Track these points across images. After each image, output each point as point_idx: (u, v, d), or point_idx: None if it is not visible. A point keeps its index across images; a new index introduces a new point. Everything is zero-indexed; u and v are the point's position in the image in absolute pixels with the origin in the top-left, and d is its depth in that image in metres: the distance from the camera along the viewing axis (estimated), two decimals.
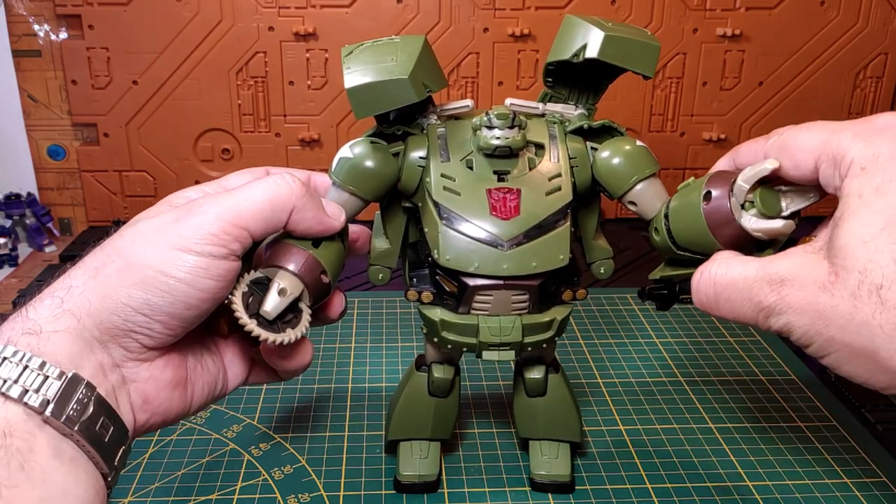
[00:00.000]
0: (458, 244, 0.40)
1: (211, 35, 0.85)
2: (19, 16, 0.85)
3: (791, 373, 0.61)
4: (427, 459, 0.48)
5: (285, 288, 0.38)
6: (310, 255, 0.39)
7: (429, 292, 0.43)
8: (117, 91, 0.86)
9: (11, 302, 0.72)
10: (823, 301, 0.32)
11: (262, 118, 0.88)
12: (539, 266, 0.41)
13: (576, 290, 0.44)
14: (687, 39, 0.87)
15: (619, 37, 0.42)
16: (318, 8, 0.84)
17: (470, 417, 0.56)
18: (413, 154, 0.43)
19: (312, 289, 0.39)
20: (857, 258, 0.31)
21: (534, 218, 0.41)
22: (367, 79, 0.39)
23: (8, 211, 0.87)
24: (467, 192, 0.41)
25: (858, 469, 0.51)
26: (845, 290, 0.32)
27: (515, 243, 0.40)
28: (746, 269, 0.36)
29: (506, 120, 0.41)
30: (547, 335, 0.43)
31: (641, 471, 0.50)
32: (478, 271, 0.40)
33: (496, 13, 0.85)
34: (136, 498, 0.48)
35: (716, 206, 0.38)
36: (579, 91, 0.46)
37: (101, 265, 0.35)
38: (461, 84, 0.88)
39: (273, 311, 0.37)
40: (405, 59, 0.40)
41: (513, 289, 0.41)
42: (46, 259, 0.85)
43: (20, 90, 0.87)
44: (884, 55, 0.89)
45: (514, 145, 0.41)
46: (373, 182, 0.42)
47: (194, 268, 0.35)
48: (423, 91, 0.40)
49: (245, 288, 0.38)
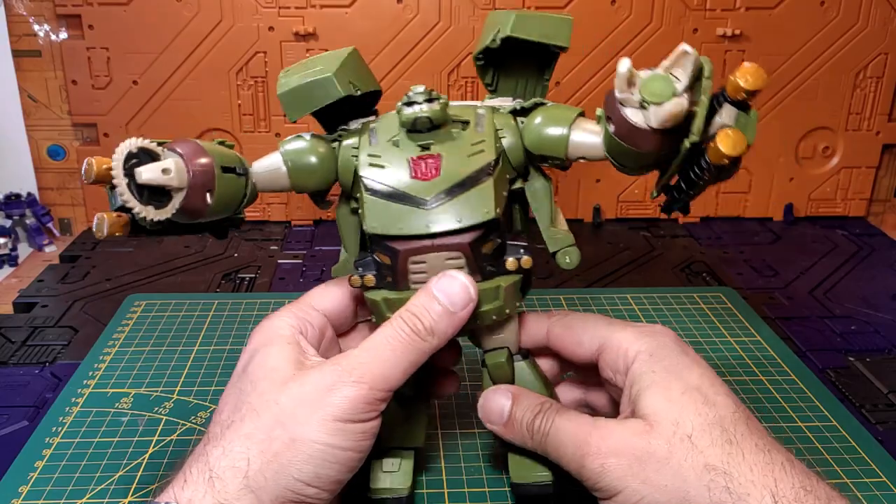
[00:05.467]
0: (382, 210, 0.41)
1: (211, 35, 0.85)
2: (19, 16, 0.85)
3: (791, 372, 0.61)
4: (398, 473, 0.46)
5: (170, 169, 0.38)
6: (211, 168, 0.40)
7: (370, 276, 0.43)
8: (117, 91, 0.86)
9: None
10: (641, 445, 0.38)
11: (262, 118, 0.88)
12: (464, 220, 0.41)
13: (520, 258, 0.43)
14: (687, 39, 0.87)
15: (529, 14, 0.44)
16: (318, 8, 0.84)
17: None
18: (346, 143, 0.44)
19: (191, 194, 0.39)
20: (669, 413, 0.38)
21: (455, 177, 0.41)
22: (295, 84, 0.43)
23: (8, 211, 0.87)
24: (391, 164, 0.42)
25: (858, 469, 0.51)
26: (661, 438, 0.38)
27: (438, 202, 0.41)
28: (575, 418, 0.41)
29: (424, 94, 0.42)
30: (495, 304, 0.43)
31: None
32: (402, 233, 0.41)
33: None
34: (136, 498, 0.48)
35: (619, 125, 0.39)
36: (525, 85, 0.46)
37: (267, 438, 0.37)
38: (461, 84, 0.87)
39: (146, 177, 0.38)
40: (331, 63, 0.43)
41: (444, 250, 0.41)
42: (46, 259, 0.85)
43: (20, 90, 0.87)
44: (884, 55, 0.89)
45: (434, 116, 0.41)
46: (311, 167, 0.43)
47: (354, 433, 0.38)
48: (349, 87, 0.42)
49: (134, 149, 0.38)
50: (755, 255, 0.85)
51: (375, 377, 0.39)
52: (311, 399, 0.38)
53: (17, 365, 0.63)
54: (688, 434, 0.38)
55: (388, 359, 0.39)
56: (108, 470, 0.50)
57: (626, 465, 0.38)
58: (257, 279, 0.79)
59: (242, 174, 0.43)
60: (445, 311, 0.40)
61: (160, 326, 0.68)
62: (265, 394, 0.39)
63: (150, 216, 0.39)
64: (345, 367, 0.39)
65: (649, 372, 0.40)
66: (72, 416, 0.55)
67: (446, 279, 0.41)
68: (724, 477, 0.37)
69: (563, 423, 0.41)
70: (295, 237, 0.89)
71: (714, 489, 0.36)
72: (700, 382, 0.40)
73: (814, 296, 0.76)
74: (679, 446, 0.37)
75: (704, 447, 0.37)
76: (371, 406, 0.39)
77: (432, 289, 0.41)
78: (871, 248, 0.87)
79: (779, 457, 0.38)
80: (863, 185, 0.94)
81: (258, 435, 0.37)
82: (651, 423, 0.38)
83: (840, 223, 0.94)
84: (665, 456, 0.37)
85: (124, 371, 0.61)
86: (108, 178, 0.39)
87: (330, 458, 0.37)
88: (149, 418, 0.55)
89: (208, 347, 0.64)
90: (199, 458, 0.38)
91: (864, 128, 0.92)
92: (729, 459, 0.37)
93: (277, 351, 0.41)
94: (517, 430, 0.43)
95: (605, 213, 0.94)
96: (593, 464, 0.39)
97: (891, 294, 0.76)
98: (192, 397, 0.58)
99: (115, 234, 0.40)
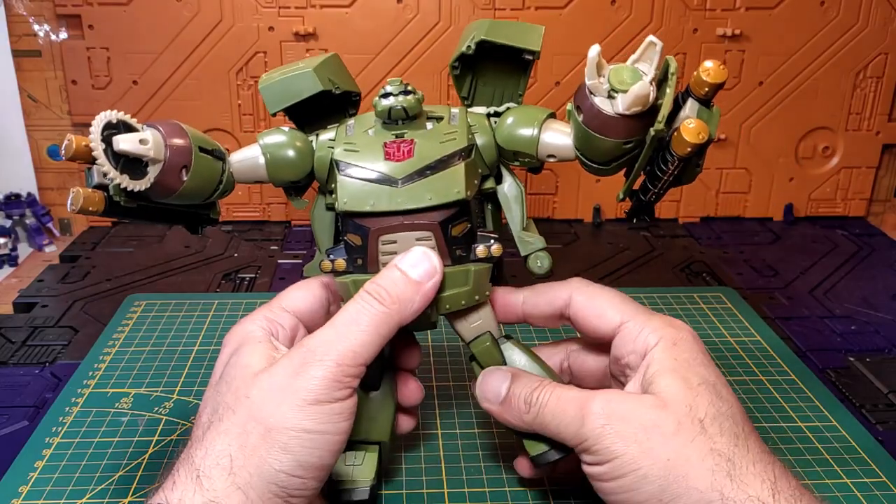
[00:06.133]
0: (353, 187, 0.42)
1: (211, 35, 0.85)
2: (19, 16, 0.85)
3: (791, 372, 0.61)
4: (361, 466, 0.46)
5: (147, 140, 0.39)
6: (188, 145, 0.41)
7: (341, 260, 0.43)
8: (117, 91, 0.86)
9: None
10: (650, 417, 0.38)
11: (262, 118, 0.88)
12: (434, 199, 0.42)
13: (490, 246, 0.43)
14: (687, 39, 0.87)
15: (502, 21, 0.45)
16: (318, 8, 0.84)
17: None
18: (323, 137, 0.45)
19: (167, 168, 0.40)
20: (685, 397, 0.39)
21: (427, 159, 0.42)
22: (276, 78, 0.45)
23: (8, 211, 0.87)
24: (365, 148, 0.43)
25: (858, 469, 0.50)
26: (672, 415, 0.38)
27: (409, 181, 0.42)
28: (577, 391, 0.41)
29: (399, 85, 0.43)
30: (464, 289, 0.43)
31: None
32: (373, 209, 0.42)
33: (496, 13, 0.85)
34: (136, 498, 0.48)
35: (589, 114, 0.40)
36: (500, 97, 0.47)
37: (243, 433, 0.37)
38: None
39: (123, 145, 0.39)
40: (312, 62, 0.45)
41: (414, 229, 0.42)
42: (46, 259, 0.85)
43: (20, 90, 0.87)
44: (884, 55, 0.89)
45: (409, 106, 0.43)
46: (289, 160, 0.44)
47: (330, 415, 0.38)
48: (328, 83, 0.44)
49: (113, 119, 0.39)
50: (755, 255, 0.85)
51: (343, 353, 0.38)
52: (279, 387, 0.38)
53: (17, 365, 0.63)
54: (700, 418, 0.38)
55: (355, 333, 0.39)
56: (108, 470, 0.50)
57: (630, 432, 0.38)
58: (257, 279, 0.79)
59: (220, 158, 0.44)
60: (409, 279, 0.41)
61: (160, 326, 0.68)
62: (238, 391, 0.39)
63: (125, 185, 0.39)
64: (310, 346, 0.39)
65: (671, 358, 0.40)
66: (72, 416, 0.55)
67: (411, 252, 0.42)
68: (729, 464, 0.37)
69: (563, 393, 0.41)
70: (295, 237, 0.89)
71: (717, 474, 0.36)
72: (716, 381, 0.40)
73: (814, 296, 0.76)
74: (689, 426, 0.38)
75: (714, 434, 0.38)
76: (342, 384, 0.38)
77: (396, 262, 0.41)
78: (871, 248, 0.87)
79: (777, 462, 0.38)
80: (863, 185, 0.94)
81: (235, 430, 0.37)
82: (664, 401, 0.39)
83: (840, 223, 0.94)
84: (673, 431, 0.37)
85: (124, 371, 0.61)
86: (87, 156, 0.39)
87: (308, 444, 0.37)
88: (149, 418, 0.55)
89: (208, 347, 0.64)
90: (185, 460, 0.38)
91: (864, 128, 0.92)
92: (735, 450, 0.37)
93: (249, 350, 0.41)
94: (514, 407, 0.42)
95: (605, 213, 0.94)
96: (595, 423, 0.38)
97: (891, 294, 0.76)
98: (192, 397, 0.58)
99: (89, 209, 0.41)
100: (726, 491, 0.36)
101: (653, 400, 0.39)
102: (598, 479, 0.39)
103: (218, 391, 0.40)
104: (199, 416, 0.40)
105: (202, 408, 0.40)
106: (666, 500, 0.37)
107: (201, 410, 0.40)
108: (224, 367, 0.41)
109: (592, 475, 0.39)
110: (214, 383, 0.41)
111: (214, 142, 0.44)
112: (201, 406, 0.41)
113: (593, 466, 0.39)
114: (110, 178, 0.39)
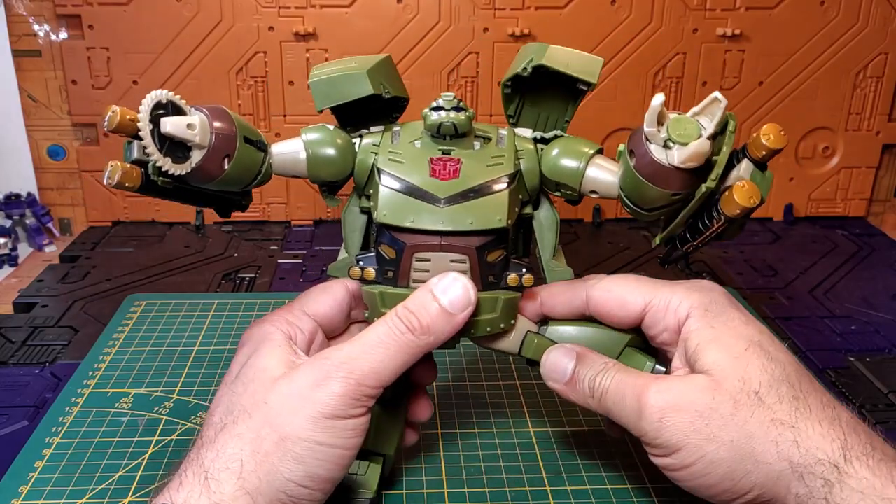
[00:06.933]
0: (394, 200, 0.41)
1: (211, 35, 0.85)
2: (19, 16, 0.85)
3: None
4: (364, 476, 0.46)
5: (195, 125, 0.39)
6: (234, 134, 0.41)
7: (371, 269, 0.43)
8: (117, 91, 0.86)
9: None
10: (705, 401, 0.37)
11: (262, 118, 0.88)
12: (475, 224, 0.41)
13: (522, 276, 0.43)
14: (687, 39, 0.87)
15: (561, 48, 0.44)
16: (318, 8, 0.84)
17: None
18: (367, 140, 0.45)
19: (210, 155, 0.40)
20: (735, 369, 0.38)
21: (472, 181, 0.42)
22: (329, 75, 0.44)
23: (8, 211, 0.87)
24: (410, 161, 0.42)
25: None
26: (727, 394, 0.37)
27: (452, 201, 0.41)
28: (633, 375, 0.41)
29: (452, 101, 0.42)
30: (491, 316, 0.43)
31: (641, 470, 0.50)
32: (414, 225, 0.41)
33: (496, 13, 0.85)
34: (136, 498, 0.48)
35: (642, 161, 0.39)
36: (546, 120, 0.46)
37: (257, 438, 0.37)
38: (461, 84, 0.88)
39: (170, 128, 0.38)
40: (365, 62, 0.44)
41: (450, 251, 0.41)
42: (46, 259, 0.85)
43: (20, 90, 0.87)
44: (884, 55, 0.89)
45: (460, 124, 0.42)
46: (330, 158, 0.44)
47: (344, 430, 0.37)
48: (379, 87, 0.43)
49: (164, 99, 0.39)
50: (755, 255, 0.85)
51: (365, 372, 0.38)
52: (298, 396, 0.38)
53: (17, 365, 0.63)
54: (755, 390, 0.37)
55: (380, 355, 0.39)
56: (108, 470, 0.50)
57: (687, 422, 0.37)
58: (257, 279, 0.79)
59: (262, 150, 0.43)
60: (444, 311, 0.40)
61: (160, 326, 0.68)
62: (256, 394, 0.38)
63: (167, 168, 0.39)
64: (333, 361, 0.38)
65: (707, 327, 0.39)
66: (72, 416, 0.55)
67: (448, 279, 0.40)
68: (793, 431, 0.36)
69: (623, 378, 0.40)
70: (295, 237, 0.89)
71: (782, 443, 0.36)
72: (760, 338, 0.39)
73: (814, 296, 0.76)
74: (746, 402, 0.37)
75: (772, 403, 0.37)
76: (359, 402, 0.38)
77: (432, 288, 0.40)
78: (871, 248, 0.87)
79: (844, 413, 0.37)
80: (863, 185, 0.94)
81: (249, 435, 0.37)
82: (716, 380, 0.38)
83: (840, 223, 0.94)
84: (731, 412, 0.37)
85: (124, 371, 0.61)
86: (129, 130, 0.39)
87: (319, 456, 0.37)
88: (149, 418, 0.55)
89: (208, 347, 0.64)
90: (194, 461, 0.37)
91: (864, 128, 0.92)
92: (797, 415, 0.37)
93: (268, 352, 0.40)
94: (579, 390, 0.42)
95: (605, 213, 0.94)
96: (652, 418, 0.38)
97: (891, 294, 0.76)
98: (192, 397, 0.58)
99: (125, 184, 0.41)
100: (794, 458, 0.36)
101: (704, 381, 0.38)
102: (667, 469, 0.39)
103: (233, 391, 0.40)
104: (212, 416, 0.40)
105: (214, 406, 0.40)
106: (738, 478, 0.37)
107: (213, 409, 0.40)
108: (241, 367, 0.41)
109: (661, 466, 0.39)
110: (230, 382, 0.41)
111: (258, 131, 0.44)
112: (213, 404, 0.40)
113: (659, 458, 0.39)
114: (153, 159, 0.39)
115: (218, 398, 0.41)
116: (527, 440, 0.53)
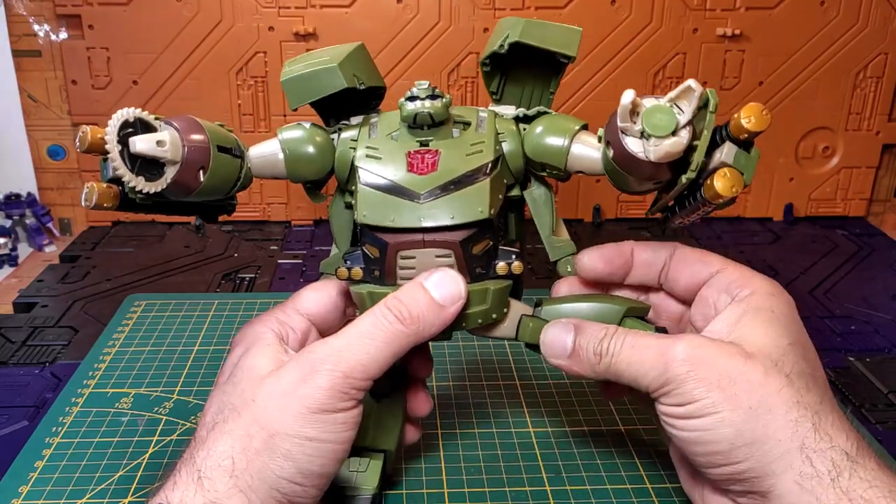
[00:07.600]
0: (375, 201, 0.41)
1: (211, 35, 0.85)
2: (19, 16, 0.85)
3: None
4: (365, 472, 0.45)
5: (165, 141, 0.38)
6: (207, 147, 0.40)
7: (358, 269, 0.42)
8: (117, 91, 0.86)
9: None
10: (736, 365, 0.37)
11: (262, 118, 0.88)
12: (457, 217, 0.40)
13: (511, 263, 0.42)
14: (687, 39, 0.87)
15: (538, 21, 0.43)
16: (318, 8, 0.84)
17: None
18: (344, 135, 0.44)
19: (185, 169, 0.39)
20: (772, 352, 0.38)
21: (451, 173, 0.41)
22: (300, 71, 0.43)
23: (8, 211, 0.87)
24: (388, 156, 0.42)
25: None
26: (759, 365, 0.37)
27: (432, 196, 0.40)
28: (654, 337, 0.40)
29: (427, 89, 0.41)
30: (481, 308, 0.42)
31: (641, 470, 0.50)
32: (395, 224, 0.40)
33: (496, 13, 0.85)
34: (136, 498, 0.48)
35: (618, 152, 0.39)
36: (530, 95, 0.45)
37: (247, 436, 0.37)
38: (461, 84, 0.88)
39: (140, 146, 0.38)
40: (337, 55, 0.43)
41: (434, 247, 0.41)
42: (46, 259, 0.85)
43: (20, 90, 0.87)
44: (884, 55, 0.89)
45: (436, 112, 0.41)
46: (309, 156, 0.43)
47: (334, 424, 0.37)
48: (353, 80, 0.42)
49: (131, 118, 0.38)
50: (755, 255, 0.85)
51: (352, 364, 0.38)
52: (285, 392, 0.37)
53: (17, 365, 0.63)
54: (786, 373, 0.37)
55: (367, 346, 0.38)
56: (108, 470, 0.50)
57: (714, 378, 0.37)
58: (257, 279, 0.79)
59: (238, 156, 0.43)
60: (434, 303, 0.40)
61: (160, 326, 0.68)
62: (244, 393, 0.38)
63: (141, 187, 0.38)
64: (319, 354, 0.38)
65: (767, 310, 0.40)
66: (72, 416, 0.55)
67: (439, 273, 0.40)
68: (815, 417, 0.36)
69: (639, 340, 0.40)
70: (295, 237, 0.89)
71: (801, 425, 0.36)
72: (806, 342, 0.40)
73: (814, 296, 0.76)
74: (776, 377, 0.37)
75: (801, 388, 0.37)
76: (347, 395, 0.37)
77: (422, 281, 0.40)
78: (871, 248, 0.87)
79: (859, 435, 0.38)
80: (863, 185, 0.94)
81: (238, 433, 0.37)
82: (753, 352, 0.38)
83: (840, 223, 0.94)
84: (760, 381, 0.37)
85: (124, 371, 0.61)
86: (102, 148, 0.38)
87: (310, 452, 0.37)
88: (149, 418, 0.55)
89: (208, 347, 0.64)
90: (187, 461, 0.37)
91: (864, 128, 0.92)
92: (820, 407, 0.37)
93: (257, 351, 0.40)
94: (583, 359, 0.41)
95: (605, 213, 0.94)
96: (679, 369, 0.37)
97: (891, 294, 0.76)
98: (192, 397, 0.58)
99: (104, 205, 0.40)
100: (808, 441, 0.36)
101: (739, 349, 0.38)
102: (672, 417, 0.38)
103: (224, 392, 0.40)
104: (204, 416, 0.40)
105: (207, 407, 0.40)
106: (739, 444, 0.36)
107: (206, 410, 0.40)
108: (232, 367, 0.41)
109: (667, 414, 0.38)
110: (221, 383, 0.41)
111: (233, 136, 0.43)
112: (206, 406, 0.41)
113: (670, 407, 0.38)
114: (125, 180, 0.38)
115: (210, 399, 0.41)
116: (527, 440, 0.53)
